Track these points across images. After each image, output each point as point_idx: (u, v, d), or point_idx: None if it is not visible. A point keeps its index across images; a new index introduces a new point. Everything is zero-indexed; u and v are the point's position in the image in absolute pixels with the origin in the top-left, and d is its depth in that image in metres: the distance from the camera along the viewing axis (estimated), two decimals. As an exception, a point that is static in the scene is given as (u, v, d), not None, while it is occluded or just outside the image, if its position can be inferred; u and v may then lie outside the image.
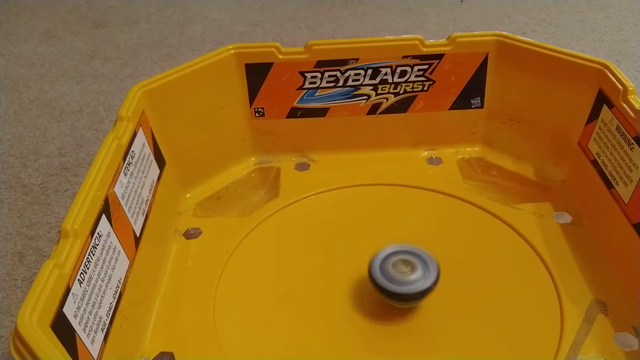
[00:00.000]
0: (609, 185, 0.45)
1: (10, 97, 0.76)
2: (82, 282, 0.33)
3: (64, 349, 0.30)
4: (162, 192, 0.48)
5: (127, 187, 0.42)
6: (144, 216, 0.44)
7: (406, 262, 0.40)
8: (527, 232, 0.47)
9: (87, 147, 0.66)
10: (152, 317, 0.42)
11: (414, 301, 0.40)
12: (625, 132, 0.43)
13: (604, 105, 0.47)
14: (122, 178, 0.41)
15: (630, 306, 0.40)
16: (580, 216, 0.48)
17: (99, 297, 0.35)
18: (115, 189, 0.40)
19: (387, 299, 0.40)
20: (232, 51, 0.52)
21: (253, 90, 0.54)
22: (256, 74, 0.53)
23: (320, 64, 0.53)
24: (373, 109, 0.55)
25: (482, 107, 0.55)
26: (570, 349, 0.38)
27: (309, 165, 0.56)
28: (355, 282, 0.43)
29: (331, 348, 0.40)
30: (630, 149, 0.43)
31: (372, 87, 0.54)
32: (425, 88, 0.54)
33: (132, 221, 0.41)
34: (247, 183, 0.55)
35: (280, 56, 0.52)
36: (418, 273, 0.39)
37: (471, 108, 0.55)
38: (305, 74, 0.53)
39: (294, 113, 0.55)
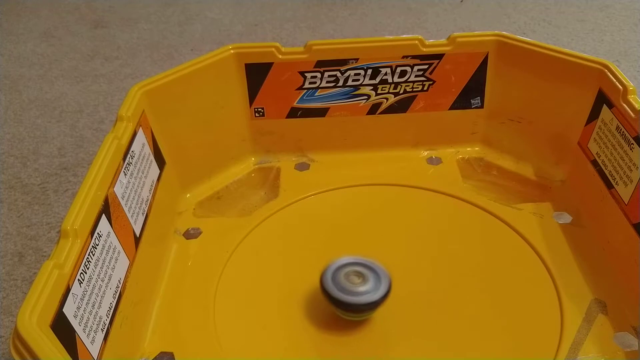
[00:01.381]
0: (609, 185, 0.45)
1: (10, 97, 0.76)
2: (82, 282, 0.33)
3: (63, 349, 0.30)
4: (162, 192, 0.48)
5: (127, 187, 0.42)
6: (144, 216, 0.44)
7: (358, 274, 0.39)
8: (527, 232, 0.47)
9: (87, 147, 0.66)
10: (152, 317, 0.41)
11: (362, 313, 0.39)
12: (625, 132, 0.43)
13: (604, 105, 0.47)
14: (122, 178, 0.41)
15: (630, 306, 0.40)
16: (580, 216, 0.48)
17: (99, 297, 0.35)
18: (115, 189, 0.40)
19: (337, 309, 0.39)
20: (232, 51, 0.52)
21: (253, 90, 0.54)
22: (256, 74, 0.53)
23: (320, 64, 0.53)
24: (373, 109, 0.55)
25: (482, 107, 0.55)
26: (570, 349, 0.38)
27: (309, 165, 0.56)
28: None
29: (330, 349, 0.40)
30: (630, 149, 0.43)
31: (372, 87, 0.54)
32: (425, 88, 0.54)
33: (132, 221, 0.41)
34: (247, 183, 0.55)
35: (280, 56, 0.52)
36: (369, 285, 0.39)
37: (471, 108, 0.55)
38: (305, 74, 0.53)
39: (294, 113, 0.55)
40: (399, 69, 0.53)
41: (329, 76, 0.53)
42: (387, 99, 0.55)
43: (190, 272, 0.45)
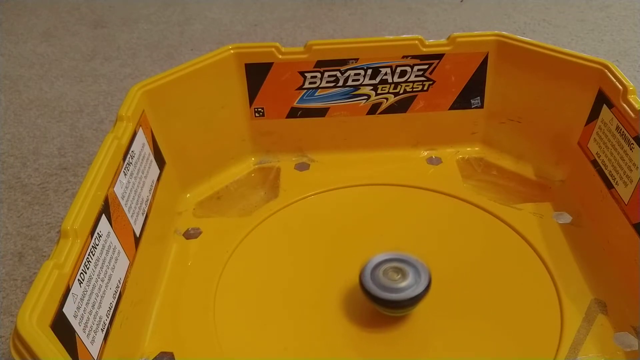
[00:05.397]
0: (609, 185, 0.45)
1: (10, 97, 0.76)
2: (82, 282, 0.33)
3: (63, 349, 0.30)
4: (162, 192, 0.48)
5: (127, 187, 0.42)
6: (144, 216, 0.44)
7: (397, 270, 0.40)
8: (527, 232, 0.47)
9: (87, 147, 0.66)
10: (152, 317, 0.41)
11: (406, 308, 0.40)
12: (625, 132, 0.43)
13: (604, 105, 0.47)
14: (122, 178, 0.41)
15: (630, 306, 0.40)
16: (580, 216, 0.48)
17: (99, 297, 0.35)
18: (115, 189, 0.40)
19: (379, 307, 0.39)
20: (232, 51, 0.52)
21: (253, 90, 0.54)
22: (256, 74, 0.53)
23: (320, 64, 0.53)
24: (373, 109, 0.55)
25: (482, 107, 0.55)
26: (570, 349, 0.38)
27: (309, 165, 0.56)
28: (356, 282, 0.43)
29: (330, 349, 0.40)
30: (630, 149, 0.43)
31: (372, 87, 0.54)
32: (425, 88, 0.54)
33: (132, 221, 0.41)
34: (247, 183, 0.55)
35: (280, 56, 0.52)
36: (409, 280, 0.39)
37: (471, 108, 0.55)
38: (305, 74, 0.53)
39: (293, 113, 0.55)
40: (399, 69, 0.53)
41: (329, 76, 0.53)
42: (387, 99, 0.55)
43: (190, 272, 0.45)
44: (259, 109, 0.55)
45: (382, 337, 0.40)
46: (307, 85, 0.54)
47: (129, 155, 0.43)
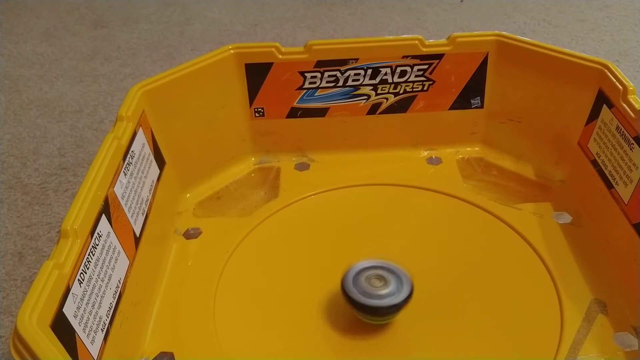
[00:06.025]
0: (609, 185, 0.45)
1: (10, 97, 0.76)
2: (82, 282, 0.33)
3: (63, 349, 0.30)
4: (162, 192, 0.48)
5: (127, 187, 0.42)
6: (144, 216, 0.44)
7: (380, 277, 0.39)
8: (527, 232, 0.47)
9: (87, 147, 0.66)
10: (152, 317, 0.42)
11: (385, 316, 0.39)
12: (625, 132, 0.43)
13: (604, 105, 0.47)
14: (122, 178, 0.41)
15: (630, 306, 0.40)
16: (580, 216, 0.48)
17: (99, 297, 0.35)
18: (115, 189, 0.40)
19: (358, 313, 0.39)
20: (232, 51, 0.52)
21: (253, 90, 0.54)
22: (256, 74, 0.53)
23: (320, 64, 0.53)
24: (373, 109, 0.55)
25: (482, 107, 0.55)
26: (570, 349, 0.38)
27: (309, 165, 0.56)
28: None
29: (329, 349, 0.40)
30: (630, 149, 0.43)
31: (372, 87, 0.54)
32: (425, 88, 0.54)
33: (132, 221, 0.41)
34: (247, 183, 0.55)
35: (280, 56, 0.52)
36: (390, 288, 0.39)
37: (471, 108, 0.55)
38: (305, 74, 0.53)
39: (293, 113, 0.55)
40: (399, 69, 0.53)
41: (329, 76, 0.53)
42: (387, 99, 0.55)
43: (190, 272, 0.45)
44: (259, 109, 0.55)
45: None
46: (307, 85, 0.54)
47: (129, 155, 0.43)
